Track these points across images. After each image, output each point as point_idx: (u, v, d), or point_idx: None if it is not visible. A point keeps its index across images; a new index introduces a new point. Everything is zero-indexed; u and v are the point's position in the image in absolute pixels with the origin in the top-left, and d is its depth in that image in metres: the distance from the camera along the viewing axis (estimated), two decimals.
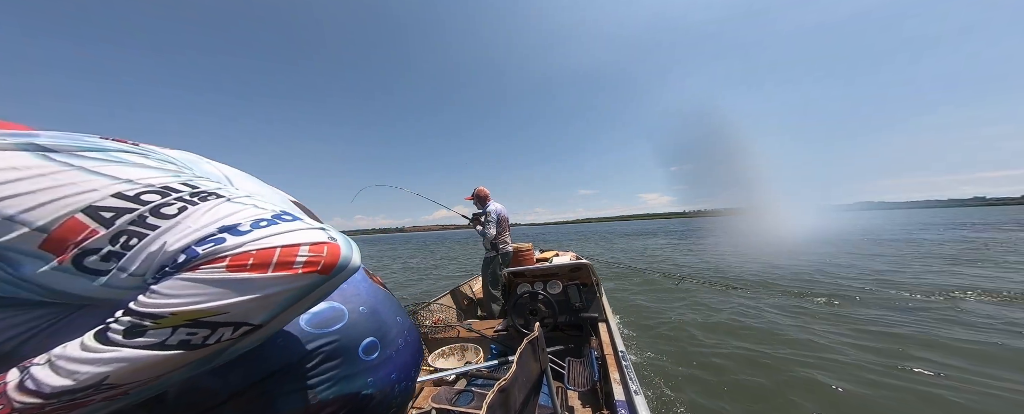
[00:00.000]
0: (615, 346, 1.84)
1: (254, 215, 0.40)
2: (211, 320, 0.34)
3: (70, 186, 0.35)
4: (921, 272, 6.26)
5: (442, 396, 1.63)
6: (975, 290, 4.78)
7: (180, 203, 0.38)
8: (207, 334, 0.34)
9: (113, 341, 0.32)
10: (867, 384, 2.46)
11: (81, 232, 0.34)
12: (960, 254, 8.27)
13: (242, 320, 0.35)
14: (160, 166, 0.43)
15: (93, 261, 0.35)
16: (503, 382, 0.84)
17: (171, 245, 0.35)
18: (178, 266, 0.34)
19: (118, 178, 0.38)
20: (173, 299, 0.33)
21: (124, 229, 0.35)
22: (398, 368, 0.65)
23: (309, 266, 0.37)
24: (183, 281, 0.33)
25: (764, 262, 8.15)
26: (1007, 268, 6.34)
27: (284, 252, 0.36)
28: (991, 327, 3.38)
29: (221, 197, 0.42)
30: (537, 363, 1.18)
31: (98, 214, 0.35)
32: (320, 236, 0.39)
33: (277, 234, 0.37)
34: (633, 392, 1.33)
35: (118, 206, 0.36)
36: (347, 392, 0.56)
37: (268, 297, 0.35)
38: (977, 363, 2.67)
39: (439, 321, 2.80)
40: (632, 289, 6.11)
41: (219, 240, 0.35)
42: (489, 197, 3.62)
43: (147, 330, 0.33)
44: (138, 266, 0.35)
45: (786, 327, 3.69)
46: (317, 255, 0.37)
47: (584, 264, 2.53)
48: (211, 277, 0.34)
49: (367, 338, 0.60)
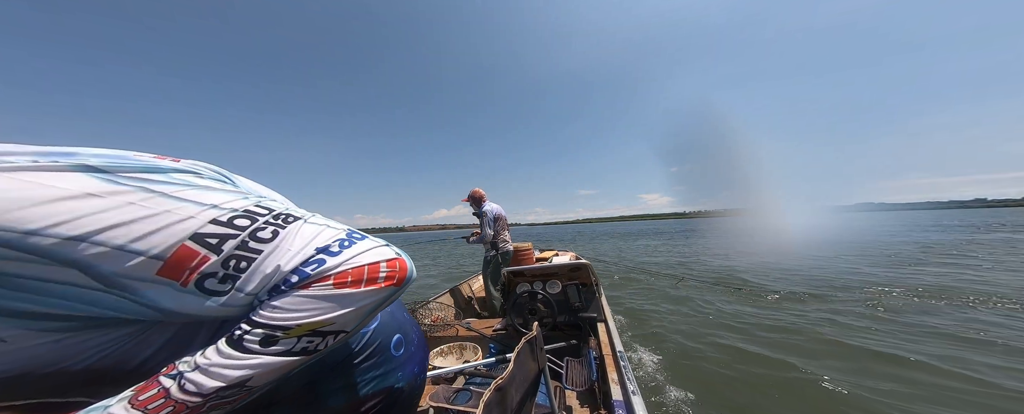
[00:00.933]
0: (614, 346, 1.84)
1: (334, 236, 0.45)
2: (325, 329, 0.40)
3: (166, 214, 0.37)
4: (922, 273, 6.25)
5: (440, 394, 1.63)
6: (967, 292, 4.77)
7: (271, 227, 0.43)
8: (320, 341, 0.41)
9: (251, 349, 0.38)
10: (866, 385, 2.46)
11: (194, 258, 0.37)
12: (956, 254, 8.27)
13: (342, 328, 0.42)
14: (223, 187, 0.47)
15: (213, 283, 0.38)
16: (500, 381, 0.84)
17: (285, 266, 0.40)
18: (292, 285, 0.40)
19: (203, 203, 0.41)
20: (296, 313, 0.39)
21: (233, 254, 0.39)
22: (418, 362, 0.71)
23: (388, 280, 0.43)
24: (301, 297, 0.39)
25: (764, 263, 8.15)
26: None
27: (371, 269, 0.42)
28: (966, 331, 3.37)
29: (298, 219, 0.46)
30: (535, 362, 1.18)
31: (205, 241, 0.38)
32: (390, 253, 0.46)
33: (361, 253, 0.43)
34: (631, 392, 1.33)
35: (219, 232, 0.39)
36: (384, 386, 0.61)
37: (362, 308, 0.42)
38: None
39: (438, 320, 2.81)
40: (632, 289, 6.11)
41: (321, 262, 0.41)
42: (484, 198, 3.63)
43: (279, 339, 0.39)
44: (254, 286, 0.40)
45: (786, 327, 3.68)
46: (393, 271, 0.44)
47: (583, 264, 2.53)
48: (322, 293, 0.40)
49: (396, 335, 0.66)
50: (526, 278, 2.67)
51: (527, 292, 2.47)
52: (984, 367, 2.64)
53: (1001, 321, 3.63)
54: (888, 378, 2.56)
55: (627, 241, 20.50)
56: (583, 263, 2.54)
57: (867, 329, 3.55)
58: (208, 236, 0.38)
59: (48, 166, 0.35)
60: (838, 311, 4.21)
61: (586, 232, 48.80)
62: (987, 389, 2.36)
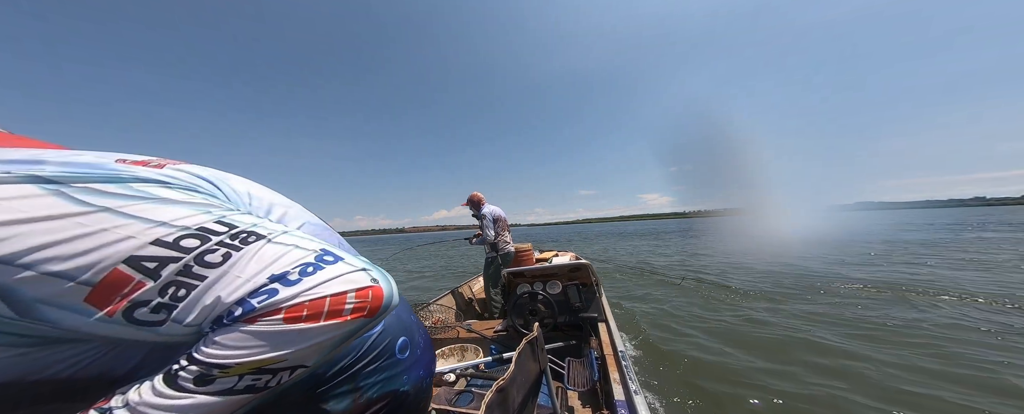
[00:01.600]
0: (615, 346, 1.84)
1: (298, 259, 0.40)
2: (273, 367, 0.36)
3: (103, 234, 0.33)
4: (915, 270, 6.26)
5: (441, 396, 1.63)
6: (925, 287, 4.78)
7: (223, 249, 0.38)
8: (269, 378, 0.37)
9: (185, 388, 0.34)
10: (862, 389, 2.46)
11: (127, 284, 0.33)
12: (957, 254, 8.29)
13: (298, 363, 0.37)
14: (187, 199, 0.42)
15: (144, 313, 0.34)
16: (501, 382, 0.84)
17: (226, 298, 0.36)
18: (235, 319, 0.35)
19: (151, 221, 0.36)
20: (237, 351, 0.34)
21: (172, 280, 0.35)
22: (424, 365, 0.68)
23: (356, 312, 0.39)
24: (244, 334, 0.35)
25: (763, 263, 8.15)
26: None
27: (334, 301, 0.38)
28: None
29: (261, 238, 0.41)
30: (536, 363, 1.17)
31: (141, 265, 0.34)
32: (363, 280, 0.41)
33: (324, 282, 0.39)
34: (633, 392, 1.33)
35: (160, 255, 0.35)
36: (389, 390, 0.59)
37: (322, 343, 0.38)
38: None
39: (439, 321, 2.80)
40: (632, 289, 6.11)
41: (272, 292, 0.36)
42: (483, 201, 3.68)
43: (216, 379, 0.34)
44: (193, 318, 0.36)
45: (786, 328, 3.68)
46: (363, 301, 0.39)
47: (583, 264, 2.53)
48: (270, 329, 0.35)
49: (401, 338, 0.64)
50: (526, 279, 2.67)
51: (527, 293, 2.47)
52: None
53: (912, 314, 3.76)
54: (892, 384, 2.56)
55: (627, 241, 20.51)
56: (583, 263, 2.53)
57: (863, 330, 3.55)
58: (146, 259, 0.34)
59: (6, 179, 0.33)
60: (838, 312, 4.21)
61: (585, 232, 48.83)
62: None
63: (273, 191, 0.66)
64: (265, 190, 0.63)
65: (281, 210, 0.59)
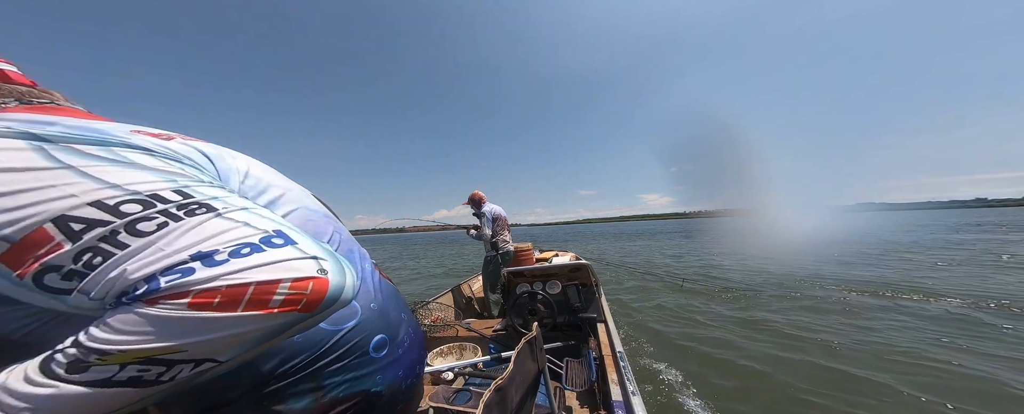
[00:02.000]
0: (613, 347, 1.84)
1: (238, 238, 0.36)
2: (166, 358, 0.31)
3: (49, 190, 0.31)
4: (914, 275, 6.26)
5: (440, 395, 1.64)
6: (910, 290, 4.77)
7: (161, 218, 0.34)
8: (162, 371, 0.31)
9: (54, 375, 0.29)
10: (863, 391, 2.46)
11: (45, 245, 0.30)
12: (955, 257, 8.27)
13: (204, 357, 0.32)
14: (159, 167, 0.39)
15: (53, 278, 0.31)
16: (500, 381, 0.84)
17: (132, 273, 0.31)
18: (135, 297, 0.31)
19: (104, 182, 0.34)
20: (123, 336, 0.29)
21: (91, 245, 0.31)
22: (405, 366, 0.64)
23: (287, 305, 0.33)
24: (137, 316, 0.30)
25: (764, 263, 8.14)
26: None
27: (259, 290, 0.32)
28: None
29: (212, 210, 0.38)
30: (535, 363, 1.18)
31: (68, 225, 0.31)
32: (308, 269, 0.36)
33: (256, 266, 0.33)
34: (631, 393, 1.33)
35: (92, 217, 0.32)
36: (358, 390, 0.54)
37: (235, 336, 0.32)
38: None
39: (438, 320, 2.81)
40: (632, 290, 6.11)
41: (188, 271, 0.31)
42: (484, 200, 3.70)
43: (90, 366, 0.29)
44: (98, 290, 0.32)
45: (785, 327, 3.68)
46: (298, 293, 0.34)
47: (583, 264, 2.53)
48: (169, 314, 0.30)
49: (378, 335, 0.59)
50: (526, 278, 2.67)
51: (527, 292, 2.47)
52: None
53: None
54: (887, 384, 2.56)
55: (627, 242, 20.49)
56: (583, 263, 2.54)
57: (862, 331, 3.55)
58: (75, 220, 0.31)
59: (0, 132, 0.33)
60: (838, 311, 4.21)
61: (585, 232, 48.83)
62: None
63: (280, 175, 0.64)
64: (269, 171, 0.62)
65: (277, 192, 0.57)
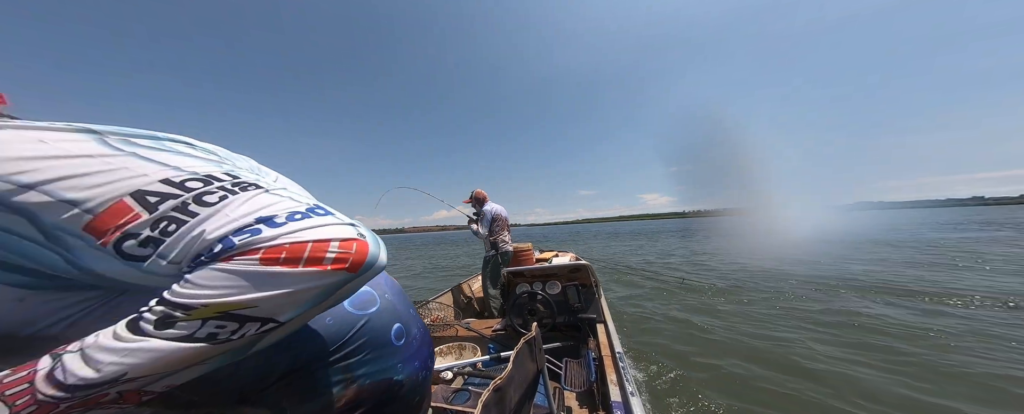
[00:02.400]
0: (613, 347, 1.85)
1: (290, 207, 0.40)
2: (241, 313, 0.34)
3: (123, 170, 0.36)
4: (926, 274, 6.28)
5: (439, 394, 1.64)
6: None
7: (221, 191, 0.39)
8: (235, 328, 0.34)
9: (143, 331, 0.32)
10: (858, 390, 2.47)
11: (124, 215, 0.34)
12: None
13: (269, 316, 0.35)
14: (206, 156, 0.45)
15: (131, 246, 0.35)
16: (498, 381, 0.84)
17: (210, 233, 0.35)
18: (214, 256, 0.34)
19: (167, 165, 0.39)
20: (206, 290, 0.33)
21: (166, 214, 0.36)
22: (421, 358, 0.66)
23: (338, 263, 0.36)
24: (217, 271, 0.33)
25: (764, 263, 8.16)
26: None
27: (315, 247, 0.36)
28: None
29: (260, 187, 0.42)
30: (534, 363, 1.18)
31: (144, 198, 0.35)
32: (350, 232, 0.39)
33: (310, 228, 0.37)
34: (629, 393, 1.34)
35: (164, 191, 0.36)
36: (382, 379, 0.57)
37: (297, 293, 0.35)
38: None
39: (437, 319, 2.81)
40: (631, 290, 6.12)
41: (255, 231, 0.35)
42: (486, 199, 3.71)
43: (177, 321, 0.33)
44: (176, 254, 0.35)
45: (785, 327, 3.70)
46: (346, 252, 0.37)
47: (583, 265, 2.53)
48: (245, 269, 0.33)
49: (396, 324, 0.62)
50: (526, 278, 2.68)
51: (527, 293, 2.48)
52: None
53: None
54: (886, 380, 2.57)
55: (626, 242, 20.51)
56: (583, 264, 2.54)
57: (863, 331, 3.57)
58: (150, 194, 0.36)
59: (55, 126, 0.37)
60: (838, 312, 4.23)
61: (584, 232, 48.86)
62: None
63: (288, 179, 0.68)
64: (277, 174, 0.66)
65: (294, 188, 0.62)
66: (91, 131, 0.38)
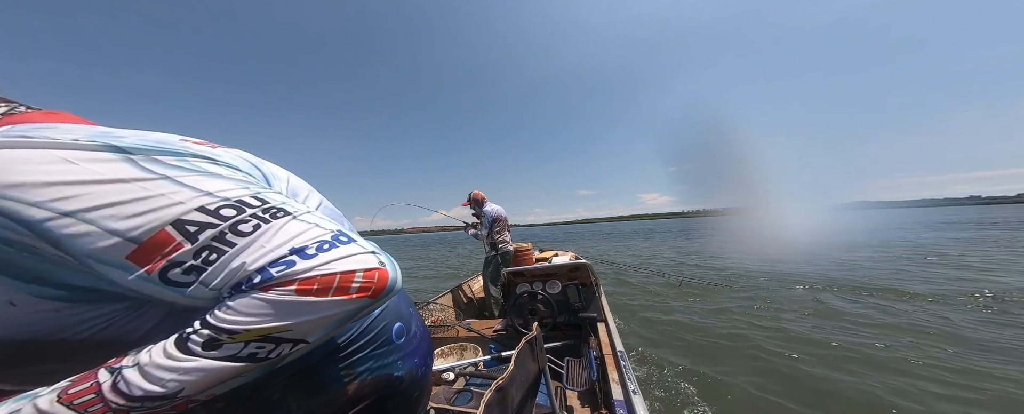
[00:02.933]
0: (614, 346, 1.85)
1: (318, 236, 0.42)
2: (278, 336, 0.37)
3: (160, 197, 0.37)
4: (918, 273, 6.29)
5: (440, 395, 1.63)
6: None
7: (255, 220, 0.41)
8: (272, 348, 0.38)
9: (193, 351, 0.36)
10: (860, 389, 2.47)
11: (169, 245, 0.36)
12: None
13: (301, 337, 0.39)
14: (230, 175, 0.46)
15: (176, 274, 0.37)
16: (501, 381, 0.84)
17: (250, 265, 0.38)
18: (253, 286, 0.37)
19: (200, 191, 0.40)
20: (249, 317, 0.36)
21: (207, 244, 0.38)
22: (421, 355, 0.69)
23: (362, 292, 0.40)
24: (258, 300, 0.36)
25: (764, 263, 8.17)
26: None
27: (343, 278, 0.39)
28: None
29: (288, 214, 0.44)
30: (535, 363, 1.18)
31: (185, 228, 0.37)
32: (372, 261, 0.42)
33: (337, 259, 0.40)
34: (631, 392, 1.34)
35: (202, 221, 0.38)
36: (384, 373, 0.60)
37: (326, 318, 0.39)
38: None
39: (438, 320, 2.81)
40: (631, 290, 6.12)
41: (290, 263, 0.38)
42: (485, 200, 3.71)
43: (223, 344, 0.36)
44: (218, 281, 0.38)
45: (785, 328, 3.70)
46: (369, 282, 0.41)
47: (583, 264, 2.53)
48: (282, 299, 0.37)
49: (397, 323, 0.64)
50: (526, 278, 2.68)
51: (527, 292, 2.48)
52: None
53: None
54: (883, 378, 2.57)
55: (626, 242, 20.53)
56: (583, 263, 2.54)
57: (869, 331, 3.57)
58: (189, 223, 0.37)
59: (77, 143, 0.37)
60: (840, 314, 4.23)
61: (582, 232, 48.89)
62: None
63: (296, 176, 0.70)
64: (292, 175, 0.67)
65: (305, 192, 0.63)
66: (116, 149, 0.38)
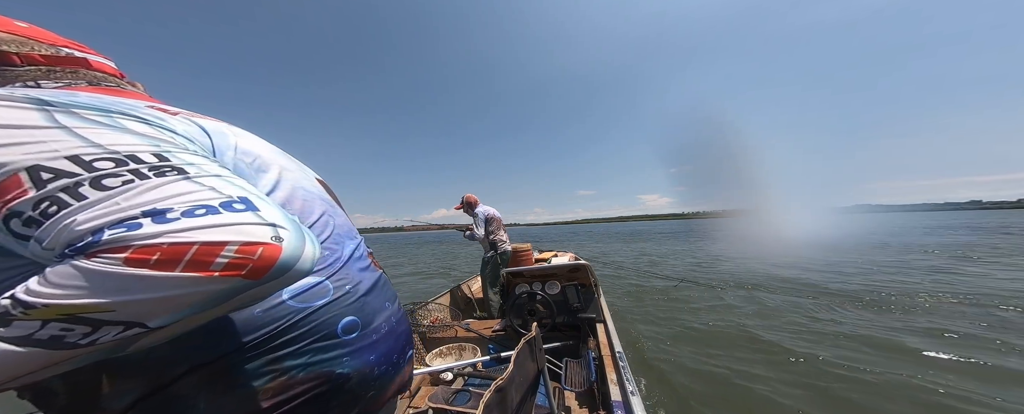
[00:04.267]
0: (612, 347, 1.85)
1: (199, 199, 0.35)
2: (92, 317, 0.29)
3: (36, 144, 0.32)
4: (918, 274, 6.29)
5: (439, 395, 1.63)
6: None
7: (129, 175, 0.34)
8: (87, 331, 0.29)
9: None
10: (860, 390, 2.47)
11: (12, 191, 0.31)
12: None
13: (132, 320, 0.30)
14: (147, 133, 0.40)
15: (16, 224, 0.32)
16: (500, 382, 0.84)
17: (80, 223, 0.31)
18: (78, 250, 0.30)
19: (89, 141, 0.35)
20: (53, 289, 0.29)
21: (50, 194, 0.31)
22: (380, 352, 0.62)
23: (231, 269, 0.32)
24: (72, 269, 0.29)
25: (765, 264, 8.17)
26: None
27: (202, 250, 0.31)
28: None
29: (183, 173, 0.37)
30: (534, 363, 1.18)
31: (38, 174, 0.32)
32: (260, 234, 0.34)
33: (205, 227, 0.32)
34: (630, 393, 1.34)
35: (63, 169, 0.32)
36: (320, 370, 0.52)
37: (169, 299, 0.30)
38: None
39: (437, 321, 2.80)
40: (631, 291, 6.12)
41: (134, 226, 0.31)
42: (477, 202, 3.76)
43: (12, 320, 0.28)
44: (49, 240, 0.31)
45: (785, 327, 3.70)
46: (245, 257, 0.32)
47: (582, 265, 2.53)
48: (103, 269, 0.29)
49: (348, 317, 0.57)
50: (525, 279, 2.68)
51: (526, 293, 2.48)
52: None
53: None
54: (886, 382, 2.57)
55: (626, 243, 20.54)
56: (582, 264, 2.54)
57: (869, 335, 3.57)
58: (47, 170, 0.32)
59: (10, 95, 0.35)
60: (840, 314, 4.23)
61: (581, 232, 48.91)
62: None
63: (285, 155, 0.66)
64: (272, 150, 0.63)
65: (275, 170, 0.59)
66: (39, 101, 0.35)
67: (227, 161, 0.52)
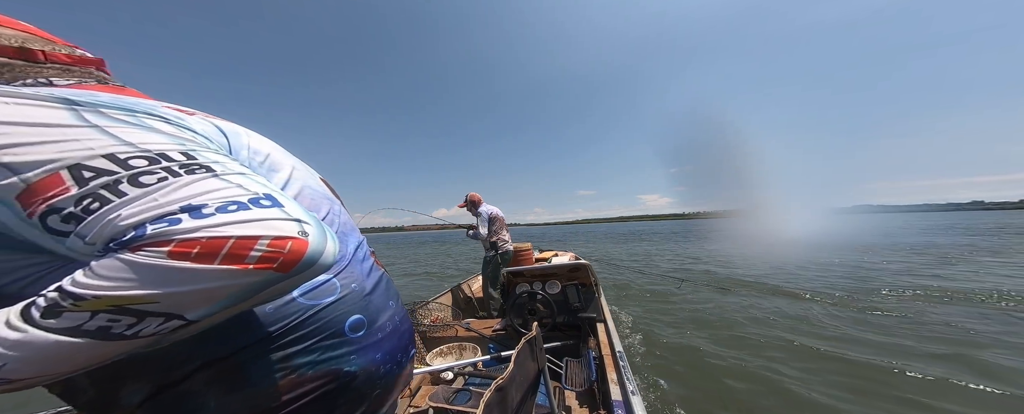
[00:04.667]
0: (613, 346, 1.85)
1: (229, 196, 0.36)
2: (140, 308, 0.30)
3: (73, 142, 0.34)
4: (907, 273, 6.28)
5: (440, 395, 1.64)
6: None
7: (163, 173, 0.36)
8: (132, 322, 0.31)
9: (30, 320, 0.29)
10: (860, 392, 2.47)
11: (55, 188, 0.32)
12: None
13: (173, 312, 0.32)
14: (174, 133, 0.42)
15: (55, 220, 0.33)
16: (500, 381, 0.84)
17: (124, 218, 0.32)
18: (123, 244, 0.31)
19: (121, 140, 0.36)
20: (101, 281, 0.30)
21: (93, 191, 0.33)
22: (385, 351, 0.62)
23: (264, 262, 0.33)
24: (119, 261, 0.30)
25: (766, 265, 8.17)
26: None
27: (238, 244, 0.33)
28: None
29: (211, 171, 0.39)
30: (535, 363, 1.18)
31: (80, 173, 0.33)
32: (288, 229, 0.36)
33: (239, 222, 0.34)
34: (630, 392, 1.34)
35: (102, 167, 0.34)
36: (329, 368, 0.53)
37: (208, 291, 0.32)
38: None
39: (437, 320, 2.81)
40: (630, 291, 6.12)
41: (174, 221, 0.32)
42: (481, 201, 3.75)
43: (63, 312, 0.29)
44: (92, 235, 0.33)
45: (785, 328, 3.70)
46: (276, 251, 0.34)
47: (583, 264, 2.54)
48: (148, 262, 0.30)
49: (354, 315, 0.58)
50: (525, 278, 2.68)
51: (527, 292, 2.48)
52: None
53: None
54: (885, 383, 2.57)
55: (626, 243, 20.51)
56: (582, 263, 2.54)
57: (872, 338, 3.57)
58: (88, 169, 0.33)
59: (35, 95, 0.36)
60: (840, 315, 4.23)
61: (581, 232, 48.86)
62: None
63: (290, 155, 0.66)
64: (279, 151, 0.64)
65: (286, 170, 0.60)
66: (67, 101, 0.36)
67: (242, 160, 0.52)
